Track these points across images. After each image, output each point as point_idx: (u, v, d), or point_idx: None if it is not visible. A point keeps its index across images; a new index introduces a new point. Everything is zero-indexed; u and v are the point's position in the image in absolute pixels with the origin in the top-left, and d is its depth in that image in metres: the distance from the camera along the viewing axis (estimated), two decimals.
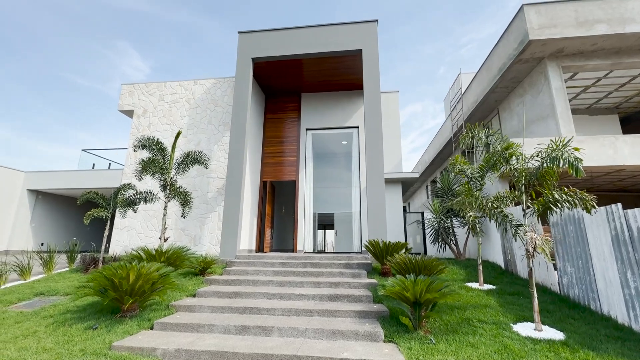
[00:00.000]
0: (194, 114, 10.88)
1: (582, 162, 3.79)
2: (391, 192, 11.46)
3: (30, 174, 13.20)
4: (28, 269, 7.40)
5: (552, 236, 5.69)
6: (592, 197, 4.24)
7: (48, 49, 75.60)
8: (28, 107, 68.84)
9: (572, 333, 3.94)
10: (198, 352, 3.75)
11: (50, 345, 4.01)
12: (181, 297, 5.73)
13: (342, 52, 9.47)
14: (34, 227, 13.25)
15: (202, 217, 9.84)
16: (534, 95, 9.14)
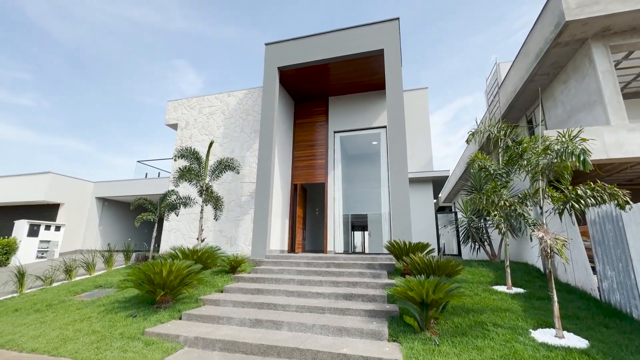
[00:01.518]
0: (228, 123, 11.69)
1: (590, 154, 3.44)
2: (421, 191, 11.12)
3: (97, 184, 15.31)
4: (92, 265, 8.63)
5: (590, 236, 5.15)
6: (625, 192, 3.81)
7: (121, 75, 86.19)
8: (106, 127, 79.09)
9: (599, 342, 3.57)
10: (213, 341, 4.14)
11: (98, 329, 4.72)
12: (210, 292, 6.26)
13: (364, 54, 9.52)
14: (101, 230, 15.30)
15: (236, 219, 10.53)
16: (578, 81, 8.24)
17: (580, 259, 5.39)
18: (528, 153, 4.22)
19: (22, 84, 67.49)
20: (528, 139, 4.38)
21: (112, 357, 3.80)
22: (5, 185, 14.56)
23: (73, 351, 4.03)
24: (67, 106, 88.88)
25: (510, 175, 5.66)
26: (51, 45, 66.92)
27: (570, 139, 3.56)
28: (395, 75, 8.97)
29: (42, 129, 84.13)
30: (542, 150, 3.83)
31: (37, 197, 13.69)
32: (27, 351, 4.16)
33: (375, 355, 3.55)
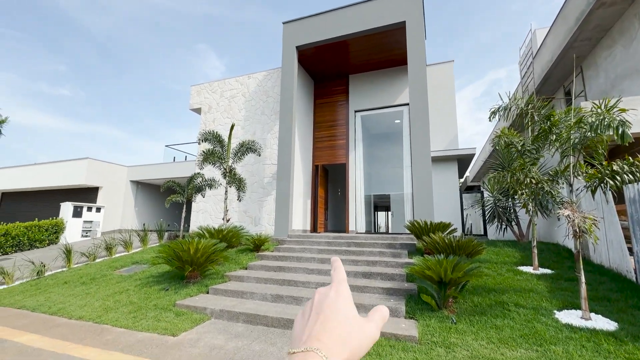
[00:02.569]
0: (249, 106, 11.79)
1: (630, 126, 3.13)
2: (445, 170, 10.77)
3: (131, 168, 16.21)
4: (129, 243, 9.30)
5: (628, 215, 4.80)
6: None
7: (149, 62, 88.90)
8: (137, 114, 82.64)
9: (629, 325, 3.41)
10: (237, 313, 4.40)
11: (135, 300, 5.15)
12: (235, 269, 6.58)
13: (385, 27, 9.10)
14: (137, 211, 16.35)
15: (260, 200, 10.81)
16: (625, 46, 7.42)
17: (616, 239, 5.06)
18: (558, 127, 3.92)
19: (59, 76, 71.58)
20: (557, 112, 4.06)
21: (147, 326, 4.16)
22: (49, 171, 15.81)
23: (114, 319, 4.44)
24: (101, 95, 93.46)
25: (541, 152, 5.33)
26: (83, 37, 69.73)
27: (607, 109, 3.26)
28: (417, 49, 8.54)
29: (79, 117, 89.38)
30: (574, 124, 3.54)
31: (78, 181, 14.77)
32: (75, 318, 4.64)
33: (392, 331, 3.62)
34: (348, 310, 0.40)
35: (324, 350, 0.35)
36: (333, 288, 0.42)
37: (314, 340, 0.36)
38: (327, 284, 0.43)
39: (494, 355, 3.01)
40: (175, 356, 3.33)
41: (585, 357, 2.87)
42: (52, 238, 12.54)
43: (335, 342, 0.36)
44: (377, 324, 0.41)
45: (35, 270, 7.21)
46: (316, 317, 0.39)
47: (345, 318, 0.39)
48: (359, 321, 0.40)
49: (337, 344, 0.36)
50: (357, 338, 0.38)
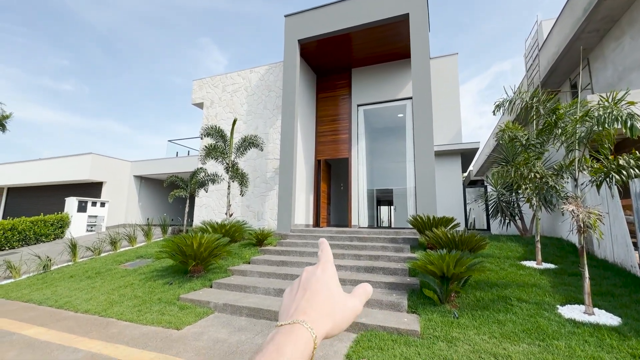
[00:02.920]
0: (251, 100, 11.75)
1: (639, 119, 3.07)
2: (448, 164, 10.71)
3: (134, 163, 16.29)
4: (134, 238, 9.38)
5: (633, 210, 4.75)
6: None
7: (153, 57, 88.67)
8: (140, 109, 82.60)
9: (633, 320, 3.40)
10: (240, 307, 4.44)
11: (139, 294, 5.21)
12: (238, 263, 6.63)
13: (388, 20, 8.98)
14: (141, 205, 16.47)
15: (262, 195, 10.84)
16: (634, 37, 7.26)
17: (621, 234, 5.02)
18: (563, 121, 3.86)
19: (62, 71, 71.63)
20: (563, 106, 3.99)
21: (152, 319, 4.21)
22: (54, 166, 15.92)
23: (119, 313, 4.50)
24: (105, 90, 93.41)
25: (545, 146, 5.27)
26: (86, 31, 69.55)
27: (614, 102, 3.20)
28: (421, 42, 8.43)
29: (83, 112, 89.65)
30: (580, 117, 3.48)
31: (82, 176, 14.87)
32: (81, 312, 4.71)
33: (393, 325, 3.64)
34: (333, 287, 0.43)
35: (310, 322, 0.38)
36: (320, 267, 0.45)
37: (300, 313, 0.39)
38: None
39: (496, 350, 3.01)
40: (179, 349, 3.37)
41: (587, 352, 2.86)
42: (58, 232, 12.68)
43: (320, 315, 0.39)
44: (361, 299, 0.45)
45: (42, 264, 7.31)
46: (303, 292, 0.42)
47: (330, 294, 0.42)
48: (343, 297, 0.43)
49: (322, 317, 0.39)
50: (341, 312, 0.42)
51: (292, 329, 0.37)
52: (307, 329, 0.37)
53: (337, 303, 0.42)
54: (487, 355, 2.94)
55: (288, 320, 0.38)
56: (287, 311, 0.41)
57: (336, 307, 0.42)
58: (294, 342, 0.35)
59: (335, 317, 0.41)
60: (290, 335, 0.36)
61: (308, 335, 0.36)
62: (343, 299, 0.43)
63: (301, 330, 0.37)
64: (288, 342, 0.35)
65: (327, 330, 0.39)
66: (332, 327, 0.40)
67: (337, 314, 0.41)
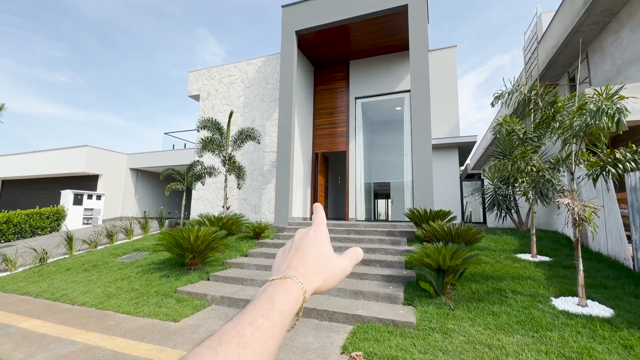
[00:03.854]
0: (248, 93, 11.63)
1: (627, 114, 3.07)
2: (446, 158, 10.71)
3: (130, 156, 16.16)
4: (131, 231, 9.35)
5: (628, 203, 4.79)
6: None
7: (147, 48, 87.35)
8: (137, 101, 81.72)
9: (625, 312, 3.45)
10: (237, 300, 4.46)
11: (137, 287, 5.21)
12: (235, 256, 6.63)
13: (387, 11, 8.86)
14: (137, 198, 16.40)
15: (260, 188, 10.81)
16: (633, 30, 7.23)
17: (615, 227, 5.07)
18: (561, 114, 3.86)
19: (56, 62, 70.58)
20: (561, 99, 3.98)
21: (149, 312, 4.21)
22: (49, 158, 15.76)
23: (116, 305, 4.50)
24: (100, 81, 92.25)
25: (542, 140, 5.28)
26: (80, 22, 68.35)
27: (607, 97, 3.19)
28: (419, 34, 8.35)
29: (79, 104, 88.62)
30: (576, 110, 3.48)
31: (78, 168, 14.74)
32: (78, 304, 4.71)
33: (389, 317, 3.67)
34: (324, 247, 0.46)
35: (300, 277, 0.40)
36: (313, 228, 0.48)
37: (291, 269, 0.41)
38: None
39: (490, 341, 3.05)
40: (176, 341, 3.39)
41: (580, 343, 2.91)
42: (54, 225, 12.62)
43: (310, 271, 0.42)
44: (350, 260, 0.48)
45: (38, 257, 7.28)
46: (295, 251, 0.44)
47: (320, 253, 0.45)
48: (333, 257, 0.46)
49: (312, 274, 0.42)
50: (330, 270, 0.44)
51: (284, 282, 0.39)
52: (297, 283, 0.39)
53: (326, 262, 0.44)
54: (481, 346, 2.97)
55: (280, 275, 0.40)
56: (279, 267, 0.43)
57: (326, 265, 0.44)
58: (285, 293, 0.37)
59: (325, 274, 0.43)
60: (281, 287, 0.38)
61: (298, 288, 0.39)
62: (333, 259, 0.46)
63: (292, 284, 0.39)
64: (279, 293, 0.37)
65: (316, 286, 0.42)
66: (321, 284, 0.42)
67: (326, 271, 0.44)
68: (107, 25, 78.41)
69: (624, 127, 3.03)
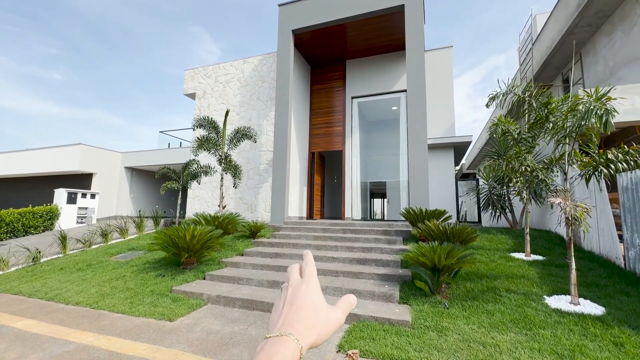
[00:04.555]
0: (244, 91, 11.60)
1: (614, 115, 3.12)
2: (441, 158, 10.78)
3: (125, 154, 16.03)
4: (125, 230, 9.28)
5: (619, 203, 4.86)
6: None
7: (143, 45, 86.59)
8: (132, 99, 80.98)
9: (616, 310, 3.51)
10: (233, 299, 4.45)
11: (132, 286, 5.18)
12: (231, 255, 6.62)
13: (383, 10, 8.88)
14: (132, 197, 16.27)
15: (256, 187, 10.79)
16: (625, 32, 7.33)
17: (607, 227, 5.15)
18: (554, 115, 3.90)
19: (51, 59, 69.65)
20: (555, 100, 4.03)
21: (144, 311, 4.20)
22: (42, 157, 15.56)
23: (110, 305, 4.48)
24: (95, 79, 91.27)
25: (537, 140, 5.34)
26: (75, 18, 67.48)
27: (596, 98, 3.24)
28: (416, 34, 8.38)
29: (73, 102, 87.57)
30: (567, 112, 3.52)
31: (71, 167, 14.58)
32: (72, 304, 4.67)
33: (385, 315, 3.69)
34: (317, 301, 0.47)
35: (296, 334, 0.41)
36: (304, 282, 0.48)
37: (287, 326, 0.42)
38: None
39: (484, 339, 3.09)
40: (172, 341, 3.38)
41: (572, 341, 2.95)
42: (47, 224, 12.48)
43: (305, 327, 0.43)
44: (344, 310, 0.49)
45: (31, 256, 7.20)
46: (289, 307, 0.45)
47: (314, 307, 0.46)
48: (326, 309, 0.47)
49: (307, 329, 0.43)
50: (324, 323, 0.45)
51: (281, 340, 0.40)
52: (294, 340, 0.40)
53: (320, 315, 0.46)
54: (475, 345, 3.01)
55: (276, 332, 0.41)
56: (275, 324, 0.44)
57: (320, 319, 0.45)
58: (282, 352, 0.38)
59: (319, 328, 0.44)
60: (279, 345, 0.39)
61: (295, 345, 0.40)
62: (326, 312, 0.47)
63: (288, 342, 0.40)
64: (277, 351, 0.38)
65: (312, 341, 0.43)
66: (316, 338, 0.44)
67: (320, 325, 0.45)
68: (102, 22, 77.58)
69: (612, 127, 3.08)
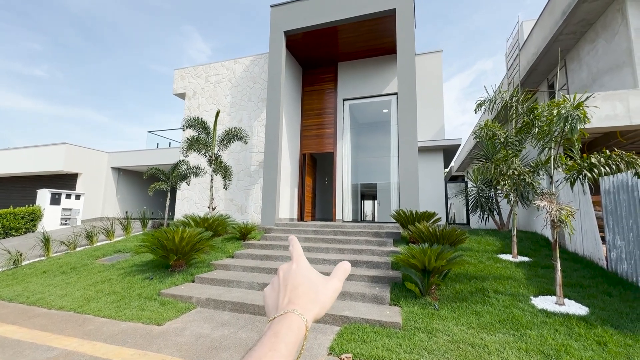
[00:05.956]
0: (235, 92, 11.51)
1: (584, 122, 3.24)
2: (431, 160, 10.92)
3: (111, 154, 15.69)
4: (112, 232, 9.08)
5: (602, 206, 5.02)
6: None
7: (132, 42, 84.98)
8: (120, 97, 79.26)
9: (600, 309, 3.61)
10: (223, 302, 4.40)
11: (118, 289, 5.06)
12: (221, 257, 6.54)
13: (375, 14, 8.96)
14: (119, 198, 15.93)
15: (246, 189, 10.71)
16: (607, 40, 7.59)
17: (591, 229, 5.30)
18: (540, 120, 4.01)
19: (34, 55, 67.71)
20: (541, 105, 4.14)
21: (131, 315, 4.10)
22: (25, 156, 15.10)
23: (96, 309, 4.36)
24: (81, 76, 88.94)
25: (523, 144, 5.46)
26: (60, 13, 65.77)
27: (575, 105, 3.34)
28: (407, 38, 8.48)
29: (58, 100, 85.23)
30: (549, 118, 3.62)
31: (55, 167, 14.18)
32: (55, 308, 4.53)
33: (376, 317, 3.71)
34: (311, 276, 0.48)
35: (299, 309, 0.43)
36: (294, 262, 0.50)
37: (289, 305, 0.44)
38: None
39: (473, 340, 3.13)
40: (160, 345, 3.31)
41: (558, 341, 3.02)
42: (29, 226, 12.10)
43: (306, 302, 0.44)
44: (339, 277, 0.50)
45: (12, 259, 6.96)
46: (285, 288, 0.46)
47: (310, 281, 0.47)
48: (323, 281, 0.48)
49: (308, 303, 0.44)
50: (324, 294, 0.47)
51: (285, 317, 0.41)
52: (298, 316, 0.42)
53: (318, 288, 0.47)
54: (465, 345, 3.04)
55: (280, 312, 0.43)
56: (275, 306, 0.45)
57: (319, 292, 0.46)
58: (288, 326, 0.40)
59: (320, 299, 0.46)
60: (284, 322, 0.41)
61: (300, 320, 0.41)
62: (323, 283, 0.48)
63: (293, 317, 0.41)
64: (283, 327, 0.40)
65: (315, 314, 0.44)
66: (319, 310, 0.45)
67: (320, 296, 0.46)
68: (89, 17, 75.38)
69: (577, 133, 3.20)
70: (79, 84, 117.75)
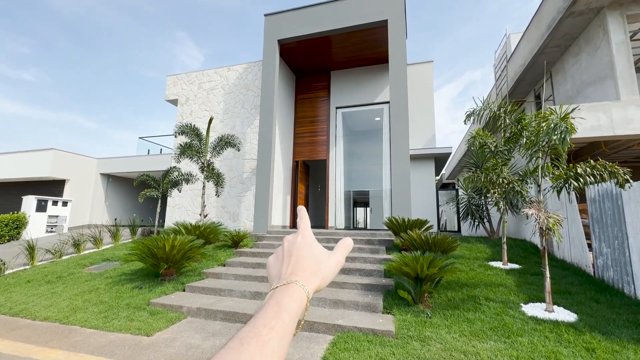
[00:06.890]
0: (228, 99, 11.52)
1: (571, 133, 3.36)
2: (423, 168, 11.06)
3: (101, 160, 15.44)
4: (100, 239, 8.89)
5: (588, 214, 5.15)
6: (626, 170, 3.76)
7: (123, 47, 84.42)
8: (110, 102, 78.27)
9: (587, 316, 3.68)
10: (215, 311, 4.33)
11: (106, 299, 4.94)
12: (213, 265, 6.46)
13: (367, 25, 9.14)
14: (108, 205, 15.62)
15: (239, 196, 10.64)
16: (590, 53, 7.89)
17: (578, 236, 5.42)
18: (527, 130, 4.13)
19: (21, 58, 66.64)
20: (528, 116, 4.27)
21: (119, 326, 4.00)
22: (10, 162, 14.74)
23: (83, 320, 4.24)
24: (69, 81, 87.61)
25: (512, 153, 5.59)
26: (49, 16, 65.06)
27: (562, 117, 3.46)
28: (398, 48, 8.66)
29: (45, 104, 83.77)
30: (536, 128, 3.74)
31: (42, 173, 13.87)
32: (39, 319, 4.39)
33: (369, 326, 3.70)
34: (314, 248, 0.49)
35: (301, 281, 0.43)
36: (299, 234, 0.50)
37: (291, 275, 0.44)
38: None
39: (465, 348, 3.15)
40: (149, 357, 3.23)
41: (548, 347, 3.06)
42: (13, 234, 11.75)
43: (308, 274, 0.45)
44: (342, 252, 0.51)
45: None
46: (289, 259, 0.47)
47: (313, 254, 0.48)
48: (326, 255, 0.49)
49: (310, 275, 0.45)
50: (325, 267, 0.47)
51: (287, 287, 0.42)
52: (300, 287, 0.42)
53: (321, 261, 0.48)
54: (457, 353, 3.06)
55: (282, 282, 0.43)
56: (278, 276, 0.46)
57: (321, 265, 0.47)
58: (291, 296, 0.41)
59: (322, 272, 0.47)
60: (286, 292, 0.41)
61: (301, 291, 0.42)
62: (326, 257, 0.49)
63: (295, 287, 0.42)
64: (285, 296, 0.41)
65: (316, 286, 0.45)
66: (320, 282, 0.46)
67: (322, 269, 0.47)
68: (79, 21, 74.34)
69: (568, 144, 3.30)
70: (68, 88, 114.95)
